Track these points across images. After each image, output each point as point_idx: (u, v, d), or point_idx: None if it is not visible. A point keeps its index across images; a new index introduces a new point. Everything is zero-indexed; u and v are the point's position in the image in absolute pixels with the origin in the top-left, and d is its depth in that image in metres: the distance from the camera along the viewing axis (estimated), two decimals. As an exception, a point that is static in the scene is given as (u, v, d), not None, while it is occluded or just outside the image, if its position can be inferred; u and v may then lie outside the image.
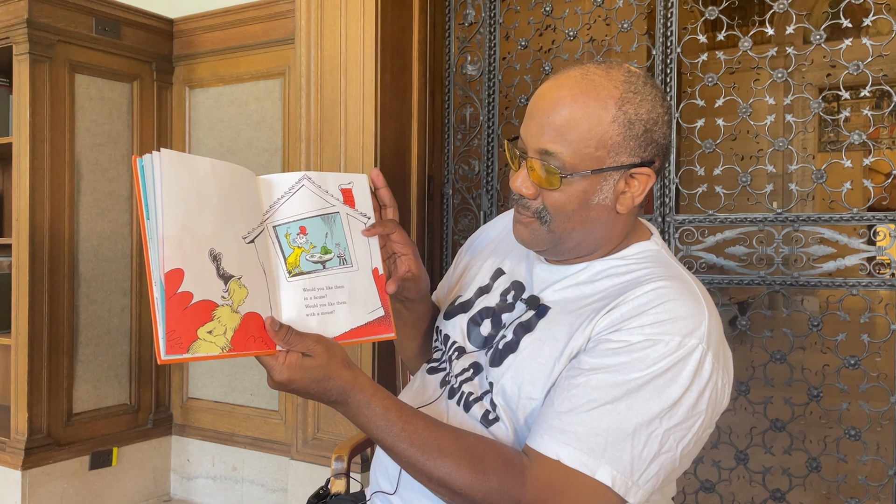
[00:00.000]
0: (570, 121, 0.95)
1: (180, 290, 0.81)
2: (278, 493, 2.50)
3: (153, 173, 0.82)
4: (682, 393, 0.90)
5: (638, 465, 0.89)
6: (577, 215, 0.99)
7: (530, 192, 0.99)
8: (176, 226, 0.82)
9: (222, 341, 0.84)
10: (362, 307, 0.99)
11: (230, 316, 0.85)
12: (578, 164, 0.95)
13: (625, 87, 0.96)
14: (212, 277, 0.84)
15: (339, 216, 0.99)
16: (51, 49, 2.34)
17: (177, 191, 0.83)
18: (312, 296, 0.94)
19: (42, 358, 2.35)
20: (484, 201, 2.35)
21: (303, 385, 0.89)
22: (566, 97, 0.95)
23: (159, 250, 0.81)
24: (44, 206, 2.34)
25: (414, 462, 0.92)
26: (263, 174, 0.96)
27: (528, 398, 0.98)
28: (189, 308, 0.82)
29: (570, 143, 0.95)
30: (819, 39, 1.92)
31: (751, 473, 2.04)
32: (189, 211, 0.84)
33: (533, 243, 1.03)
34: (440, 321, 1.21)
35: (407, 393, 1.20)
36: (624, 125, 0.95)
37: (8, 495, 2.31)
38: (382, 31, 2.21)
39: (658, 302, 0.93)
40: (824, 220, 1.93)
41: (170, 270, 0.81)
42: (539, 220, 1.00)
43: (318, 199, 0.97)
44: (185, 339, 0.81)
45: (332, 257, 0.97)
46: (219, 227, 0.86)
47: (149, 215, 0.82)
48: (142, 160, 0.83)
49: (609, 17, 2.24)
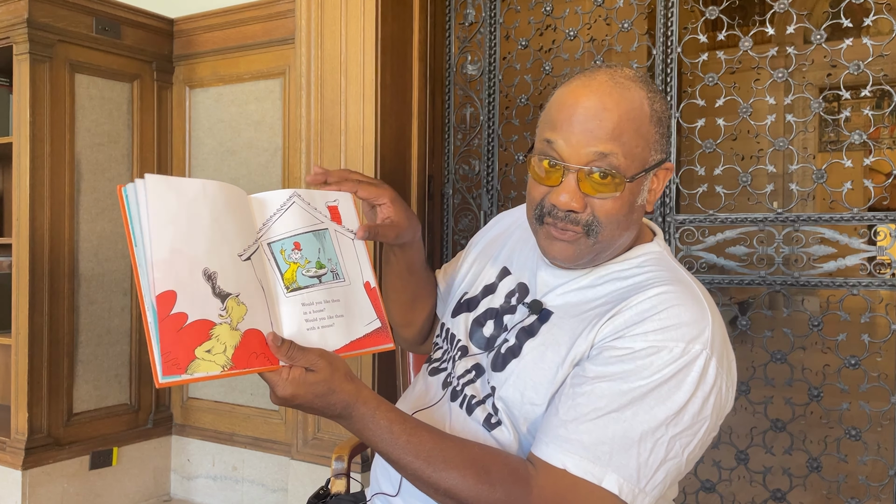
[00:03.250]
0: (618, 124, 0.94)
1: (174, 312, 0.82)
2: (278, 493, 2.50)
3: (138, 200, 0.83)
4: (687, 399, 0.90)
5: (644, 472, 0.89)
6: (626, 220, 0.98)
7: (579, 204, 0.95)
8: (165, 249, 0.83)
9: (223, 359, 0.84)
10: (359, 320, 0.99)
11: (230, 334, 0.85)
12: (631, 165, 0.95)
13: (644, 85, 0.97)
14: (207, 297, 0.85)
15: (328, 232, 1.00)
16: (51, 49, 2.34)
17: (164, 214, 0.84)
18: (311, 310, 0.94)
19: (42, 358, 2.35)
20: (484, 201, 2.35)
21: (307, 400, 0.89)
22: (608, 102, 0.94)
23: (149, 274, 0.82)
24: (44, 206, 2.33)
25: (420, 474, 0.91)
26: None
27: (531, 404, 0.98)
28: (184, 329, 0.82)
29: (624, 145, 0.94)
30: (819, 39, 1.92)
31: (751, 473, 2.04)
32: (179, 233, 0.85)
33: (576, 258, 1.00)
34: (446, 318, 1.20)
35: (409, 395, 1.20)
36: (656, 122, 0.97)
37: (8, 495, 2.31)
38: (383, 31, 2.21)
39: (661, 307, 0.93)
40: (825, 220, 1.93)
41: (161, 293, 0.81)
42: (587, 233, 0.97)
43: (309, 216, 0.99)
44: (182, 360, 0.81)
45: (327, 272, 0.98)
46: (213, 247, 0.87)
47: (136, 242, 0.83)
48: (126, 189, 0.84)
49: (609, 16, 2.24)
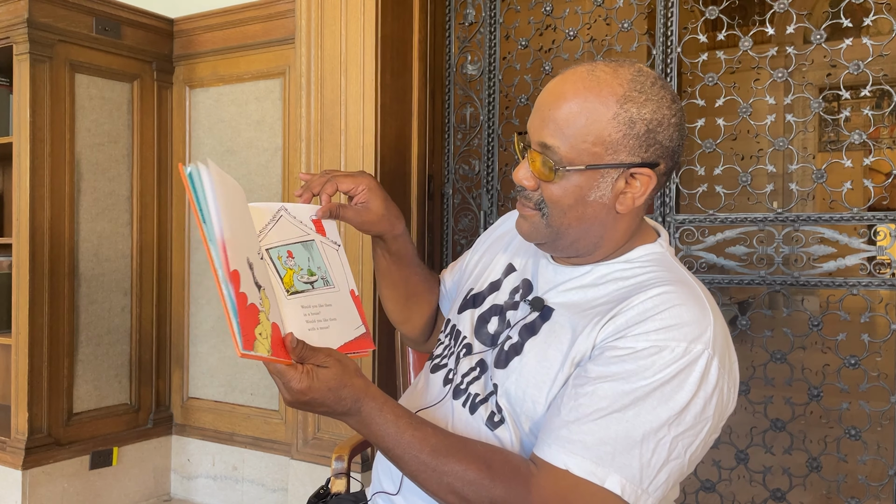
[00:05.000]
0: (569, 115, 0.95)
1: (241, 291, 0.84)
2: (278, 493, 2.50)
3: (202, 181, 0.85)
4: (689, 399, 0.89)
5: (647, 472, 0.88)
6: (574, 210, 0.99)
7: (531, 183, 1.00)
8: (229, 230, 0.85)
9: (267, 344, 0.86)
10: (349, 324, 1.04)
11: (266, 322, 0.88)
12: (575, 158, 0.96)
13: (630, 85, 0.95)
14: (252, 283, 0.88)
15: (315, 243, 1.06)
16: (51, 49, 2.34)
17: (223, 200, 0.86)
18: (310, 312, 0.99)
19: (42, 357, 2.35)
20: (484, 201, 2.35)
21: (320, 393, 0.90)
22: (569, 92, 0.96)
23: (220, 252, 0.83)
24: (44, 206, 2.34)
25: (422, 469, 0.92)
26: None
27: (532, 401, 0.98)
28: (247, 308, 0.85)
29: (568, 138, 0.95)
30: (819, 39, 1.92)
31: (751, 473, 2.04)
32: (233, 219, 0.88)
33: (532, 236, 1.04)
34: (452, 314, 1.21)
35: (410, 394, 1.20)
36: (625, 123, 0.95)
37: (8, 495, 2.31)
38: (383, 31, 2.21)
39: (663, 307, 0.92)
40: (824, 220, 1.93)
41: (234, 270, 0.84)
42: (539, 211, 1.01)
43: (296, 229, 1.04)
44: (250, 337, 0.83)
45: (318, 279, 1.03)
46: (246, 240, 0.91)
47: (204, 218, 0.85)
48: (188, 168, 0.86)
49: (609, 16, 2.24)
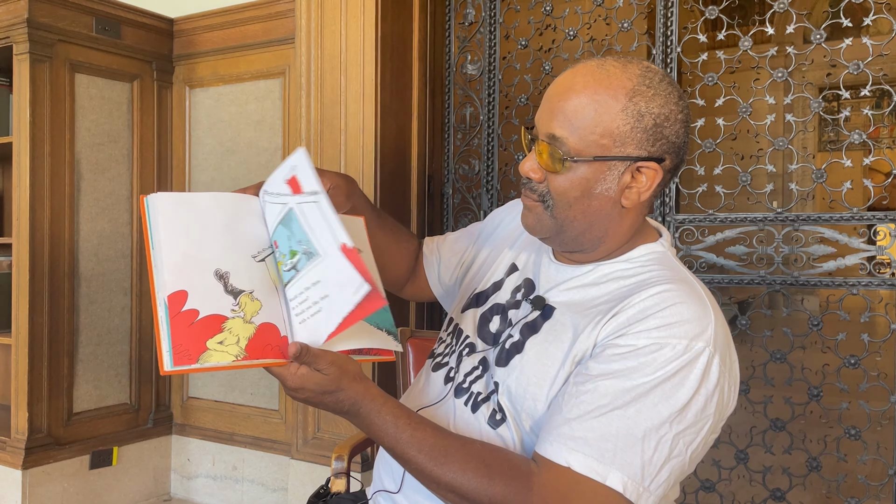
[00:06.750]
0: (578, 107, 0.96)
1: (185, 309, 0.90)
2: (278, 493, 2.50)
3: (154, 210, 0.96)
4: (690, 396, 0.89)
5: (649, 470, 0.88)
6: (579, 203, 1.00)
7: (537, 175, 1.01)
8: (177, 254, 0.94)
9: (235, 350, 0.90)
10: (346, 293, 0.90)
11: (243, 326, 0.91)
12: (583, 149, 0.97)
13: (639, 80, 0.97)
14: (220, 294, 0.93)
15: (292, 211, 0.98)
16: (51, 49, 2.34)
17: (178, 225, 0.96)
18: (296, 303, 0.95)
19: (42, 357, 2.35)
20: (484, 201, 2.35)
21: (314, 394, 0.92)
22: (578, 84, 0.97)
23: (162, 276, 0.92)
24: (44, 205, 2.33)
25: (422, 468, 0.93)
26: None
27: (533, 399, 0.99)
28: (196, 323, 0.90)
29: (577, 129, 0.96)
30: (819, 39, 1.92)
31: (751, 473, 2.04)
32: (191, 240, 0.96)
33: (536, 229, 1.04)
34: (455, 313, 1.21)
35: (412, 393, 1.20)
36: (633, 116, 0.96)
37: (8, 495, 2.31)
38: (382, 31, 2.21)
39: (664, 305, 0.93)
40: (824, 220, 1.93)
41: (173, 292, 0.91)
42: (543, 203, 1.02)
43: (276, 207, 1.02)
44: (193, 351, 0.88)
45: (299, 256, 0.95)
46: (225, 250, 0.97)
47: (153, 246, 0.94)
48: (147, 199, 0.97)
49: (609, 16, 2.23)
